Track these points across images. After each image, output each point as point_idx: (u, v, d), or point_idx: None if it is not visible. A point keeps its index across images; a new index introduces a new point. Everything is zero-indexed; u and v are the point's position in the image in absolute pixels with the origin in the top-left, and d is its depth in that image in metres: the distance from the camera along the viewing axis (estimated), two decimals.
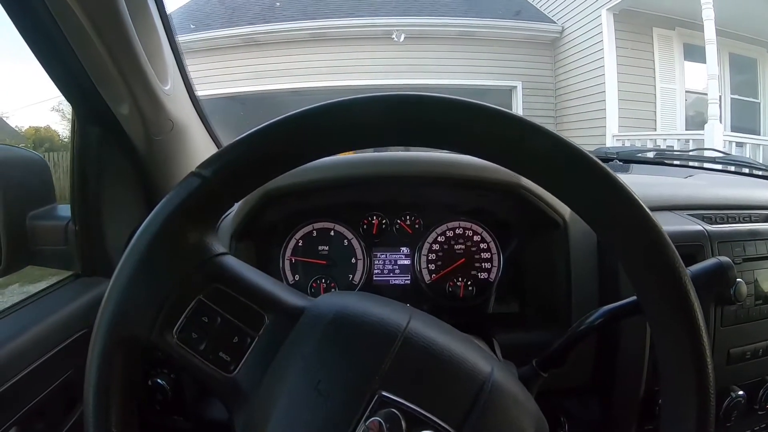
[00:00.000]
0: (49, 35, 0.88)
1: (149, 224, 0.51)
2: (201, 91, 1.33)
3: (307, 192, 0.99)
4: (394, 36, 8.67)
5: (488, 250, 1.11)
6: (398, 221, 1.12)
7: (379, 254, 1.12)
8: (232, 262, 0.54)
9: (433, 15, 9.14)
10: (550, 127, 0.49)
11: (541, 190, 0.95)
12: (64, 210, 1.12)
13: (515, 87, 9.26)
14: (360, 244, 1.11)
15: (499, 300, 1.12)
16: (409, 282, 1.12)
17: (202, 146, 1.28)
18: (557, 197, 0.52)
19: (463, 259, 1.11)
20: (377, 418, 0.44)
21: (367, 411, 0.45)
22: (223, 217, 1.08)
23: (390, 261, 1.12)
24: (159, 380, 1.04)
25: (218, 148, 1.34)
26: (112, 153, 1.10)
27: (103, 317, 0.50)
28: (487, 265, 1.11)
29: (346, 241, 1.11)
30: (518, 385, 0.52)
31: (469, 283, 1.10)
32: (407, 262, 1.12)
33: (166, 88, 1.06)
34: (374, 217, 1.12)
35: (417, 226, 1.12)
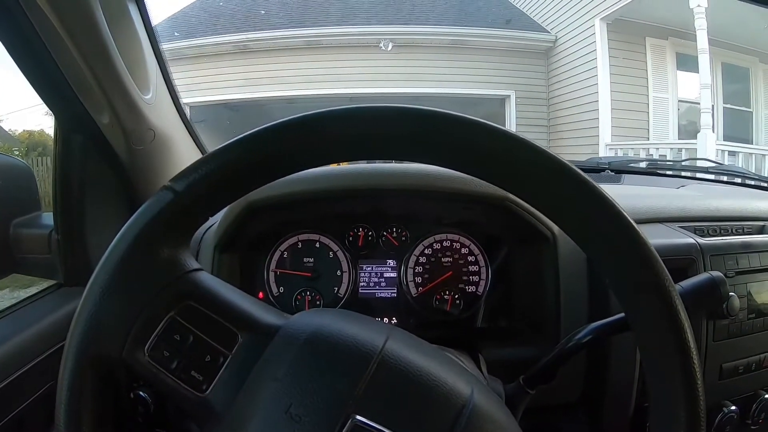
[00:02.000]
0: (29, 43, 0.87)
1: (120, 239, 0.50)
2: (191, 98, 1.33)
3: (292, 204, 0.98)
4: (381, 45, 8.69)
5: (476, 263, 1.10)
6: (384, 233, 1.10)
7: (365, 267, 1.10)
8: (206, 278, 0.53)
9: (425, 24, 9.18)
10: (543, 137, 0.48)
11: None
12: (49, 218, 1.11)
13: (508, 96, 9.29)
14: (346, 256, 1.09)
15: (487, 314, 1.10)
16: (395, 295, 1.10)
17: (186, 156, 1.26)
18: (540, 211, 0.50)
19: (450, 272, 1.09)
20: None
21: None
22: (207, 228, 1.08)
23: (376, 274, 1.10)
24: (141, 393, 1.00)
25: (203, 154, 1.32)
26: (94, 162, 1.09)
27: (74, 334, 0.49)
28: (475, 278, 1.09)
29: (331, 253, 1.09)
30: (501, 408, 0.50)
31: (456, 296, 1.08)
32: (393, 274, 1.10)
33: (147, 97, 1.05)
34: (360, 229, 1.10)
35: (404, 238, 1.10)
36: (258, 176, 0.52)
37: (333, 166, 1.01)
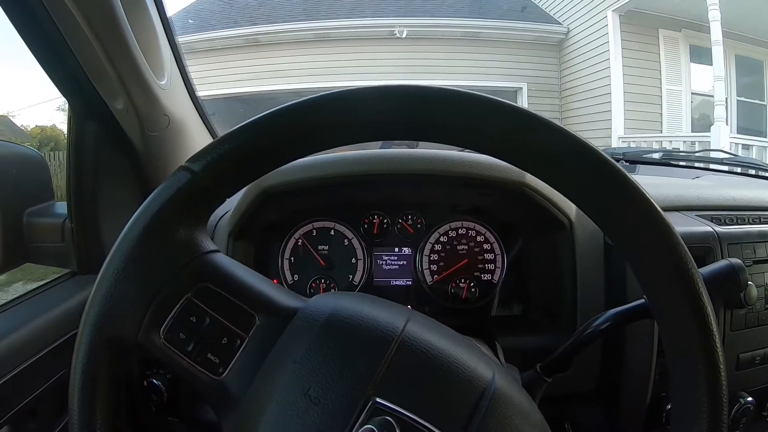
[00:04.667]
0: (45, 30, 0.88)
1: (137, 220, 0.49)
2: (203, 92, 1.33)
3: (306, 190, 0.97)
4: (396, 32, 8.66)
5: (492, 251, 1.10)
6: (400, 221, 1.10)
7: (380, 254, 1.10)
8: (223, 260, 0.52)
9: (437, 15, 9.14)
10: None
11: (547, 189, 0.94)
12: (62, 207, 1.11)
13: (520, 88, 9.26)
14: (360, 243, 1.09)
15: (502, 302, 1.10)
16: (410, 283, 1.10)
17: (200, 142, 1.26)
18: (565, 196, 0.50)
19: (465, 260, 1.09)
20: (371, 426, 0.42)
21: (360, 418, 0.43)
22: (221, 215, 1.08)
23: (391, 261, 1.10)
24: (154, 381, 1.01)
25: None
26: (108, 149, 1.09)
27: (88, 317, 0.48)
28: (491, 267, 1.09)
29: (346, 240, 1.09)
30: (521, 392, 0.50)
31: (472, 284, 1.08)
32: (409, 262, 1.10)
33: (162, 82, 1.05)
34: (375, 217, 1.10)
35: (419, 225, 1.10)
36: (276, 156, 0.52)
37: (346, 152, 1.01)
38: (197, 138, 1.24)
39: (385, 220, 1.10)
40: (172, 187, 0.50)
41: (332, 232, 1.09)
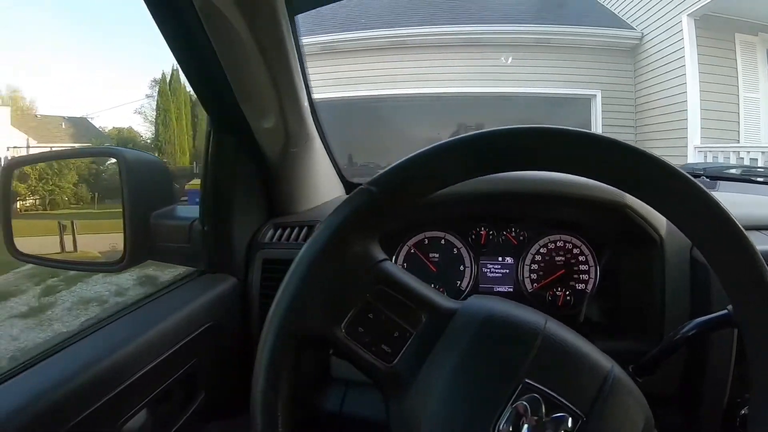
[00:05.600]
0: (200, 53, 1.00)
1: (320, 234, 0.62)
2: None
3: (439, 204, 1.05)
4: (502, 58, 8.64)
5: (586, 262, 1.18)
6: (504, 233, 1.20)
7: (485, 263, 1.20)
8: (392, 267, 0.65)
9: (509, 22, 9.05)
10: (630, 137, 0.59)
11: (645, 210, 1.02)
12: (183, 210, 1.24)
13: (594, 96, 9.05)
14: (468, 253, 1.20)
15: (590, 310, 1.19)
16: (512, 290, 1.20)
17: (321, 156, 1.39)
18: (666, 217, 0.62)
19: (562, 270, 1.18)
20: (523, 402, 0.55)
21: (514, 395, 0.55)
22: None
23: (495, 270, 1.20)
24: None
25: (330, 156, 1.45)
26: (243, 161, 1.21)
27: (276, 312, 0.59)
28: (585, 277, 1.18)
29: (455, 249, 1.20)
30: (632, 382, 0.61)
31: (567, 293, 1.18)
32: (511, 271, 1.20)
33: (305, 103, 1.16)
34: (482, 228, 1.20)
35: (521, 238, 1.20)
36: (444, 182, 0.65)
37: None
38: (318, 152, 1.36)
39: (491, 232, 1.20)
40: (352, 206, 0.62)
41: (443, 242, 1.20)
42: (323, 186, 1.45)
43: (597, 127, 8.75)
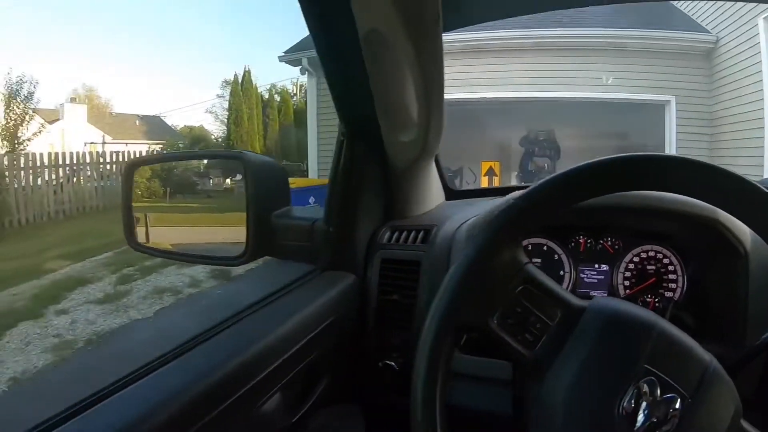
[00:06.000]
0: (350, 72, 1.10)
1: (478, 240, 0.76)
2: None
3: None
4: (603, 78, 8.62)
5: (675, 272, 1.25)
6: (601, 241, 1.28)
7: (583, 269, 1.29)
8: (534, 269, 0.79)
9: (580, 26, 8.97)
10: (704, 146, 0.72)
11: (733, 224, 1.10)
12: (299, 211, 1.35)
13: (668, 102, 8.93)
14: (568, 259, 1.29)
15: (674, 316, 1.23)
16: (606, 295, 1.27)
17: (433, 163, 1.50)
18: (756, 232, 0.73)
19: (653, 279, 1.25)
20: (643, 383, 0.68)
21: (635, 379, 0.68)
22: (462, 222, 1.31)
23: (591, 276, 1.28)
24: (388, 362, 1.26)
25: (437, 163, 1.56)
26: (370, 169, 1.31)
27: (439, 306, 0.74)
28: (673, 286, 1.25)
29: (556, 255, 1.29)
30: (726, 374, 0.72)
31: (657, 300, 1.25)
32: (606, 277, 1.28)
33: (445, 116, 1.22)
34: (581, 237, 1.29)
35: (616, 247, 1.28)
36: (581, 199, 0.79)
37: None
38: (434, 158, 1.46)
39: (589, 241, 1.29)
40: (504, 218, 0.77)
41: (545, 248, 1.29)
42: (433, 192, 1.56)
43: (671, 135, 8.62)
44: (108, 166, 11.73)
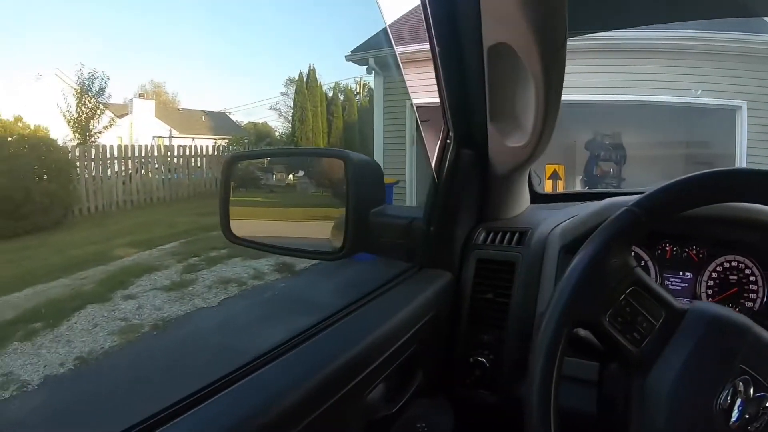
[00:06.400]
0: (468, 83, 1.18)
1: (594, 243, 0.84)
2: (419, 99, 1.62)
3: None
4: (693, 90, 8.49)
5: (756, 283, 1.28)
6: (686, 249, 1.33)
7: (668, 276, 1.33)
8: (643, 273, 0.86)
9: (647, 28, 8.73)
10: None
11: None
12: (393, 209, 1.37)
13: (740, 107, 8.63)
14: (654, 265, 1.33)
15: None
16: (689, 302, 1.32)
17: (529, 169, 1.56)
18: None
19: (735, 289, 1.29)
20: (739, 381, 0.75)
21: (732, 377, 0.75)
22: (553, 227, 1.37)
23: (676, 282, 1.33)
24: (479, 358, 1.32)
25: None
26: (474, 173, 1.37)
27: (559, 301, 0.81)
28: (753, 296, 1.28)
29: (643, 261, 1.33)
30: None
31: (737, 309, 1.27)
32: (689, 285, 1.32)
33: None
34: (667, 244, 1.34)
35: (701, 255, 1.32)
36: (691, 207, 0.87)
37: None
38: None
39: (675, 248, 1.33)
40: (617, 225, 0.84)
41: (632, 254, 1.34)
42: (524, 196, 1.62)
43: (742, 141, 8.38)
44: (175, 160, 12.08)
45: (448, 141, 1.35)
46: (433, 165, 1.40)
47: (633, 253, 0.93)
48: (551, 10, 0.93)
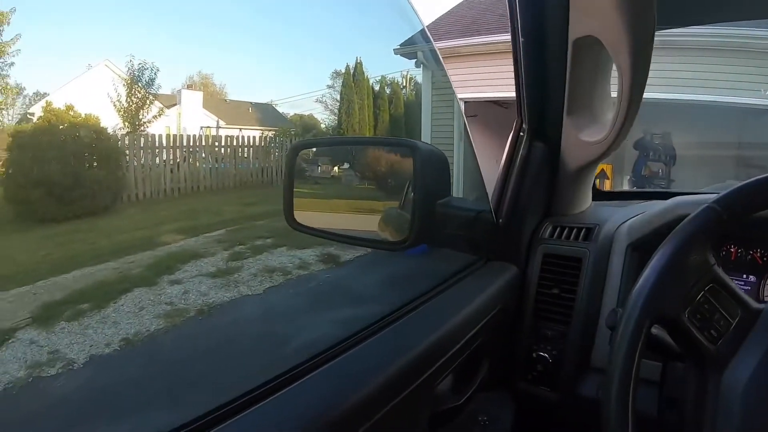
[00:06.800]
0: (547, 74, 1.20)
1: (675, 240, 0.86)
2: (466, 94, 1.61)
3: None
4: (762, 90, 8.30)
5: None
6: (750, 252, 1.33)
7: (732, 277, 1.32)
8: (721, 271, 0.87)
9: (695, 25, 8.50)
10: None
11: None
12: (458, 201, 1.40)
13: None
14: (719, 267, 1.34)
15: None
16: None
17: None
18: None
19: None
20: None
21: None
22: (620, 223, 1.38)
23: (739, 285, 1.26)
24: (542, 353, 1.34)
25: None
26: (544, 167, 1.39)
27: (640, 295, 0.83)
28: None
29: None
30: None
31: None
32: (752, 287, 1.33)
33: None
34: (732, 246, 1.34)
35: (765, 258, 1.32)
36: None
37: None
38: None
39: (740, 250, 1.34)
40: (699, 222, 0.86)
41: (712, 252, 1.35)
42: (588, 193, 1.62)
43: None
44: (222, 150, 12.25)
45: (521, 134, 1.38)
46: (504, 158, 1.43)
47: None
48: (643, 4, 0.94)
